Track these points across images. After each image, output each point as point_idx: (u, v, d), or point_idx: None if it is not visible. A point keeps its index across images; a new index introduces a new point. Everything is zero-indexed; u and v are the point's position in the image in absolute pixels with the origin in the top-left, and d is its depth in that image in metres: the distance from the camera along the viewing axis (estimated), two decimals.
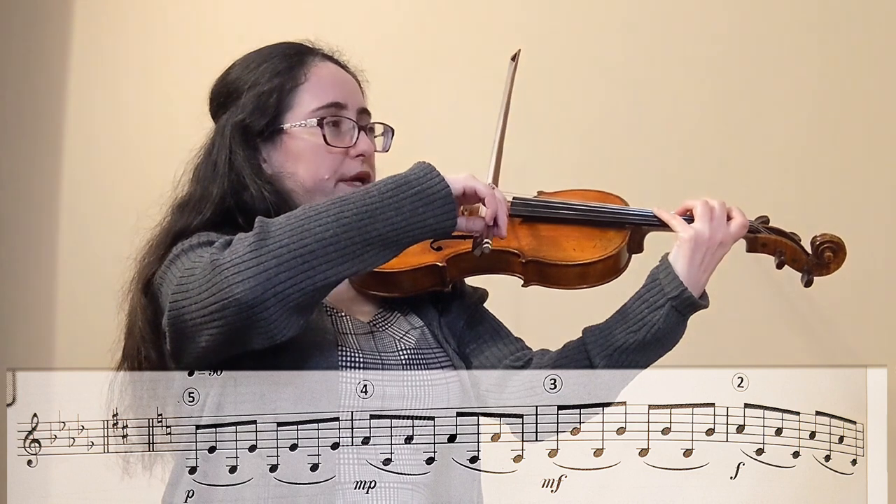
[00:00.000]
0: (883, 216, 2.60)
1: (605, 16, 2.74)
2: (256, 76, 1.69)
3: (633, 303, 1.66)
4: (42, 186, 3.06)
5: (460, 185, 1.52)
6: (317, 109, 1.68)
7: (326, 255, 1.44)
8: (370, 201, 1.46)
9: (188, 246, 1.57)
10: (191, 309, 1.47)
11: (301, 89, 1.68)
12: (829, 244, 1.72)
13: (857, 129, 2.63)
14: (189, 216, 1.65)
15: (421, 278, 1.70)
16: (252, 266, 1.42)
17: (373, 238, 1.46)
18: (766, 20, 2.67)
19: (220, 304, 1.43)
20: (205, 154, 1.71)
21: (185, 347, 1.53)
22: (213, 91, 1.76)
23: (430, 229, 1.49)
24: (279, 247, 1.43)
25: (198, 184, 1.68)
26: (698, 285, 1.65)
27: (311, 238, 1.43)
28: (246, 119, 1.67)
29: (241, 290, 1.41)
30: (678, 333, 1.66)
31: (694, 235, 1.65)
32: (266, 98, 1.67)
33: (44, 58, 3.05)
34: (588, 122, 2.73)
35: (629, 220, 1.73)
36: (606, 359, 1.65)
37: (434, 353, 1.71)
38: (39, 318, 3.04)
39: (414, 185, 1.48)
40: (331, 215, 1.45)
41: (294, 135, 1.67)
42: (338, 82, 1.72)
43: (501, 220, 1.57)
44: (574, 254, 1.70)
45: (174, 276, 1.53)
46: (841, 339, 2.58)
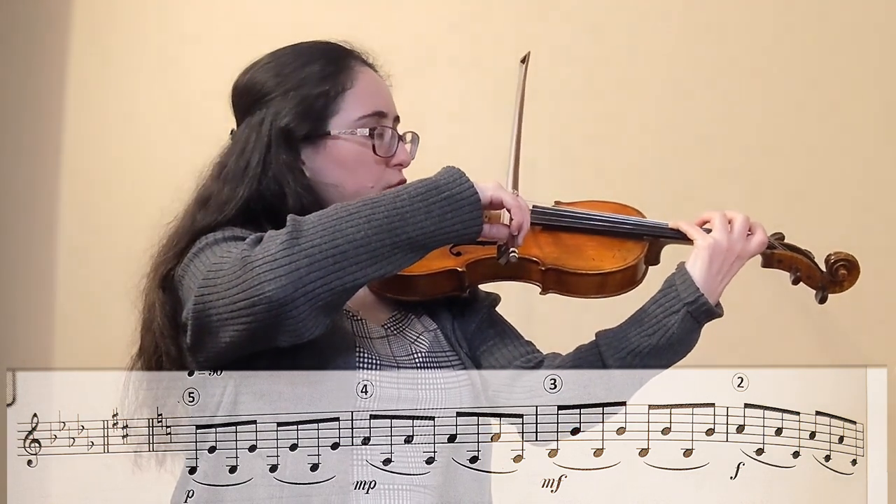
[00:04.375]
0: (883, 216, 2.60)
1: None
2: (301, 78, 1.66)
3: (648, 307, 1.67)
4: (42, 186, 3.06)
5: (488, 194, 1.53)
6: (362, 117, 1.66)
7: (357, 256, 1.44)
8: (401, 204, 1.47)
9: (213, 240, 1.56)
10: (218, 304, 1.47)
11: (348, 94, 1.67)
12: (843, 262, 1.75)
13: (857, 129, 2.63)
14: (211, 216, 1.63)
15: (440, 283, 1.71)
16: (285, 264, 1.42)
17: (402, 241, 1.47)
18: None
19: (249, 301, 1.43)
20: (236, 153, 1.67)
21: (205, 342, 1.53)
22: (241, 87, 1.71)
23: (456, 234, 1.50)
24: (311, 246, 1.43)
25: (224, 183, 1.65)
26: (714, 294, 1.66)
27: (343, 239, 1.44)
28: (290, 123, 1.64)
29: (273, 288, 1.42)
30: (692, 340, 1.66)
31: (712, 244, 1.66)
32: (312, 102, 1.65)
33: (44, 58, 3.05)
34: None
35: (648, 232, 1.74)
36: (619, 361, 1.66)
37: (447, 356, 1.71)
38: (39, 318, 3.04)
39: (444, 190, 1.49)
40: (362, 217, 1.45)
41: (340, 141, 1.66)
42: (380, 90, 1.71)
43: (524, 231, 1.58)
44: (593, 263, 1.71)
45: (199, 270, 1.52)
46: (841, 339, 2.58)
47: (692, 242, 1.69)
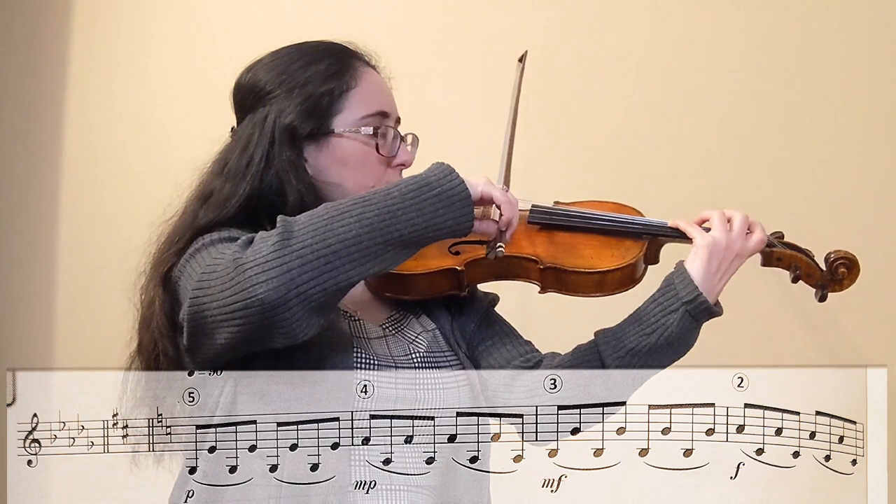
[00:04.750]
0: (883, 216, 2.60)
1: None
2: (307, 76, 1.66)
3: (647, 306, 1.67)
4: (42, 186, 3.06)
5: (479, 190, 1.53)
6: (366, 117, 1.67)
7: (349, 254, 1.44)
8: (392, 202, 1.47)
9: (209, 241, 1.56)
10: (212, 306, 1.47)
11: (351, 94, 1.67)
12: (843, 261, 1.76)
13: (858, 128, 2.63)
14: (213, 213, 1.63)
15: (438, 282, 1.71)
16: (276, 266, 1.42)
17: (394, 238, 1.46)
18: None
19: (242, 304, 1.43)
20: (238, 150, 1.67)
21: (202, 343, 1.53)
22: (244, 85, 1.71)
23: (448, 230, 1.50)
24: (303, 246, 1.43)
25: (226, 180, 1.65)
26: (713, 292, 1.66)
27: (335, 238, 1.44)
28: (294, 121, 1.65)
29: (265, 291, 1.42)
30: (691, 339, 1.67)
31: (711, 242, 1.66)
32: (317, 101, 1.65)
33: (44, 58, 3.06)
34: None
35: (647, 231, 1.75)
36: (618, 361, 1.66)
37: (445, 356, 1.71)
38: (39, 318, 3.05)
39: (434, 187, 1.49)
40: (353, 215, 1.45)
41: (343, 139, 1.66)
42: (383, 91, 1.72)
43: (513, 227, 1.58)
44: (592, 262, 1.71)
45: (194, 272, 1.53)
46: (841, 339, 2.58)
47: (691, 241, 1.69)
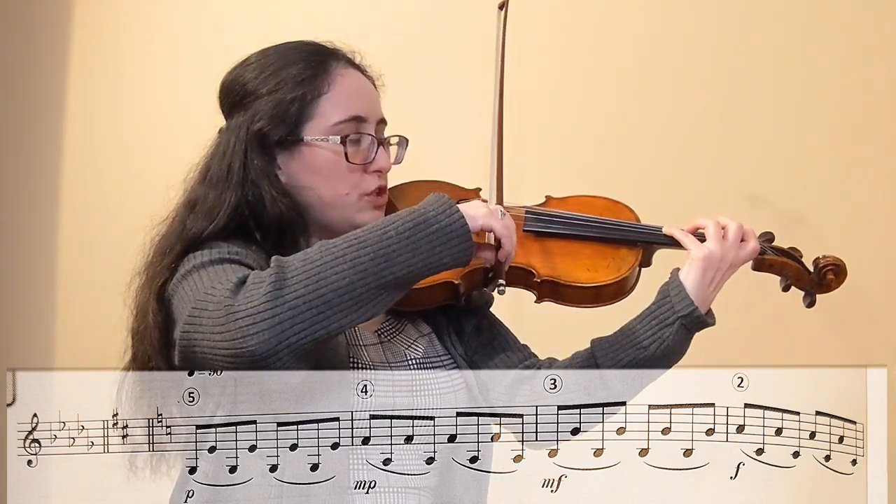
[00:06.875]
0: (883, 216, 2.60)
1: (612, 20, 2.74)
2: (277, 81, 1.64)
3: (643, 318, 1.68)
4: (42, 186, 3.05)
5: (479, 223, 1.51)
6: (338, 123, 1.64)
7: (342, 303, 1.41)
8: (387, 243, 1.44)
9: (200, 263, 1.54)
10: (202, 345, 1.45)
11: (323, 99, 1.64)
12: (831, 267, 1.80)
13: (858, 129, 2.63)
14: (201, 222, 1.61)
15: (435, 294, 1.70)
16: (267, 318, 1.39)
17: (388, 282, 1.44)
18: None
19: (232, 352, 1.41)
20: (218, 156, 1.66)
21: (194, 367, 1.52)
22: (227, 85, 1.70)
23: (445, 266, 1.48)
24: (295, 297, 1.40)
25: (210, 187, 1.64)
26: (706, 303, 1.68)
27: (327, 288, 1.40)
28: (264, 127, 1.63)
29: (256, 343, 1.39)
30: (684, 349, 1.69)
31: (707, 255, 1.67)
32: (287, 107, 1.63)
33: (44, 58, 3.05)
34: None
35: (642, 238, 1.75)
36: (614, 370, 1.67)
37: (441, 360, 1.71)
38: (39, 318, 3.04)
39: (432, 223, 1.46)
40: (347, 261, 1.42)
41: (314, 147, 1.64)
42: (360, 93, 1.68)
43: (510, 259, 1.57)
44: (588, 274, 1.72)
45: (188, 296, 1.50)
46: (841, 339, 2.58)
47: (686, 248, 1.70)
